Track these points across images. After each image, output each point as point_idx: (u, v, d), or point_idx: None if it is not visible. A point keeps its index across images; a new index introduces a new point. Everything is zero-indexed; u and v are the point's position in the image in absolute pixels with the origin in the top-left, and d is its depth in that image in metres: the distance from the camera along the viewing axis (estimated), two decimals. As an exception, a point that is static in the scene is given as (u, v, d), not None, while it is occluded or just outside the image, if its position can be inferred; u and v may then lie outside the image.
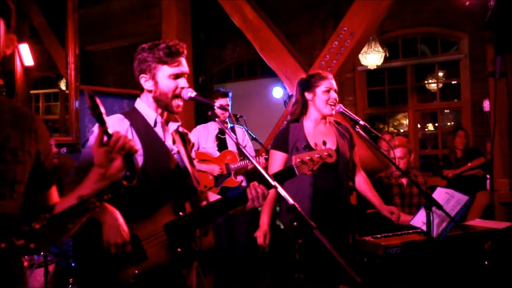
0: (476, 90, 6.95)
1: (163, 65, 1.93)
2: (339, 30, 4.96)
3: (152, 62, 1.93)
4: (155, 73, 1.94)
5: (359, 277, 1.58)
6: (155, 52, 1.92)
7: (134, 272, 1.82)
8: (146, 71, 1.95)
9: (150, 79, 1.95)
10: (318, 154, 1.97)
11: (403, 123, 8.18)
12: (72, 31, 4.92)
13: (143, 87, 2.00)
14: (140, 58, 1.96)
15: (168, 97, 1.95)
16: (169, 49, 1.92)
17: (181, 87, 1.95)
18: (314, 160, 1.96)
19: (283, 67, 5.26)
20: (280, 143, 2.83)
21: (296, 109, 2.89)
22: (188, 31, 5.90)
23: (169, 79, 1.94)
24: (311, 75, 2.92)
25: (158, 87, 1.95)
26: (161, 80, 1.94)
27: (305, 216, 1.66)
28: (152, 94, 1.97)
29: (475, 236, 3.26)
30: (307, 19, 7.92)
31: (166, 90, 1.94)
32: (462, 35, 7.09)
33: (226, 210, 1.95)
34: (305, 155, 1.96)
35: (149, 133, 1.98)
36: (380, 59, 6.87)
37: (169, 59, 1.92)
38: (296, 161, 1.96)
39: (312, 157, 1.96)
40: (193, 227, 1.95)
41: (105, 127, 1.30)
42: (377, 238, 3.13)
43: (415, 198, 3.81)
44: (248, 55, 8.48)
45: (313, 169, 1.97)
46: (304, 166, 1.96)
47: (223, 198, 1.95)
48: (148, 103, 2.00)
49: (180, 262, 1.94)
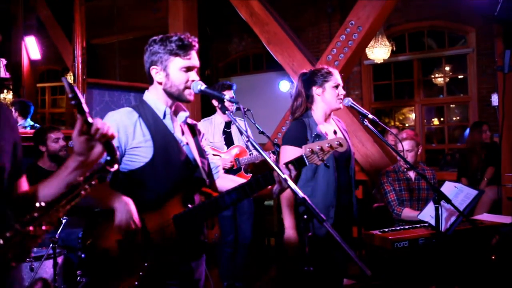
0: (483, 84, 6.91)
1: (175, 57, 1.94)
2: (346, 24, 4.94)
3: (164, 54, 1.94)
4: (167, 65, 1.94)
5: (369, 271, 1.59)
6: (167, 44, 1.93)
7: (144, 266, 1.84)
8: (158, 63, 1.95)
9: (162, 71, 1.96)
10: (329, 144, 1.95)
11: (409, 118, 8.15)
12: (79, 25, 4.91)
13: (152, 79, 2.00)
14: (151, 50, 1.96)
15: (179, 89, 1.96)
16: (182, 42, 1.93)
17: (192, 80, 1.96)
18: (324, 150, 1.94)
19: (290, 60, 5.25)
20: (295, 138, 2.71)
21: (302, 103, 2.86)
22: (194, 24, 5.89)
23: (181, 71, 1.95)
24: (317, 70, 2.87)
25: (170, 79, 1.96)
26: (172, 72, 1.95)
27: (315, 209, 1.66)
28: (163, 86, 1.98)
29: (483, 230, 3.25)
30: (313, 13, 7.90)
31: (177, 82, 1.95)
32: (469, 28, 7.05)
33: (237, 201, 1.93)
34: (315, 145, 1.95)
35: (158, 125, 1.99)
36: (387, 53, 6.84)
37: (181, 51, 1.93)
38: (306, 150, 1.94)
39: (322, 146, 1.94)
40: (202, 219, 1.95)
41: (85, 116, 1.30)
42: (384, 232, 3.13)
43: (423, 193, 3.79)
44: (254, 48, 8.47)
45: (323, 159, 1.95)
46: (314, 156, 1.94)
47: (238, 187, 1.93)
48: (157, 95, 2.01)
49: (189, 254, 1.95)
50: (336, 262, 2.73)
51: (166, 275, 1.91)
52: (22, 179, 1.52)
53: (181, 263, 1.95)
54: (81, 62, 4.89)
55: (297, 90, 2.88)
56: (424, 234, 3.06)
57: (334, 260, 2.71)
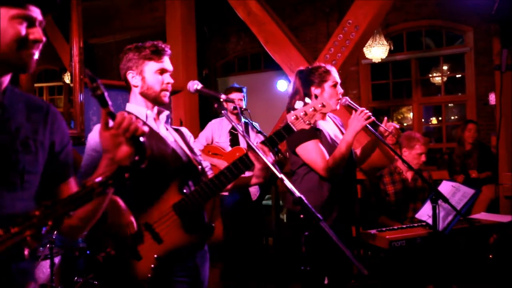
0: (481, 83, 6.92)
1: (149, 61, 2.03)
2: (344, 23, 4.94)
3: (139, 59, 2.05)
4: (142, 69, 2.05)
5: (366, 270, 1.58)
6: (141, 51, 2.04)
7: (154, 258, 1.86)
8: (133, 67, 2.06)
9: (137, 75, 2.06)
10: (312, 107, 1.95)
11: (407, 117, 8.16)
12: (77, 24, 4.89)
13: (130, 85, 2.09)
14: (127, 57, 2.07)
15: (155, 91, 2.05)
16: (156, 47, 2.04)
17: (167, 82, 2.06)
18: (308, 114, 1.95)
19: (287, 60, 5.24)
20: (307, 133, 2.64)
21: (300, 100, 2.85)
22: (192, 24, 5.89)
23: (156, 74, 2.04)
24: (314, 68, 2.84)
25: (146, 82, 2.05)
26: (148, 75, 2.05)
27: (312, 208, 1.66)
28: (139, 89, 2.07)
29: (480, 229, 3.26)
30: (311, 12, 7.89)
31: (152, 84, 2.05)
32: (467, 28, 7.05)
33: (232, 178, 1.96)
34: (299, 111, 1.95)
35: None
36: (384, 52, 6.84)
37: (155, 56, 2.03)
38: (291, 118, 1.95)
39: (306, 111, 1.95)
40: (202, 202, 1.97)
41: (108, 108, 1.22)
42: (381, 231, 3.13)
43: (420, 193, 3.79)
44: (251, 48, 8.46)
45: (310, 122, 1.95)
46: (300, 121, 1.94)
47: (226, 168, 1.96)
48: (136, 101, 2.10)
49: (195, 240, 1.98)
50: (336, 261, 2.72)
51: (174, 267, 1.94)
52: (68, 183, 1.44)
53: (188, 252, 1.98)
54: (79, 62, 4.88)
55: (295, 87, 2.85)
56: (422, 233, 3.06)
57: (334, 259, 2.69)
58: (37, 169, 1.35)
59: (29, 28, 1.29)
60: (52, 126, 1.40)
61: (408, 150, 3.77)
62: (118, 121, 1.25)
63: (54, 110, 1.43)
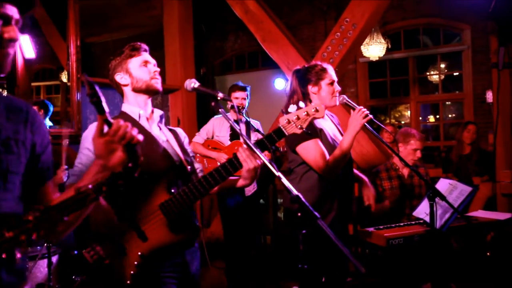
0: (479, 81, 6.93)
1: (131, 58, 2.13)
2: (341, 21, 4.93)
3: (122, 60, 2.14)
4: (127, 67, 2.12)
5: (363, 268, 1.58)
6: (122, 53, 2.15)
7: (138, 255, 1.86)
8: (119, 69, 2.14)
9: (125, 74, 2.13)
10: (305, 112, 1.94)
11: (405, 115, 8.16)
12: (74, 23, 4.89)
13: (120, 87, 2.14)
14: (111, 65, 2.16)
15: (146, 81, 2.11)
16: (133, 46, 2.14)
17: (154, 71, 2.12)
18: (300, 118, 1.94)
19: (285, 58, 5.24)
20: (307, 132, 2.70)
21: (297, 100, 2.85)
22: (189, 22, 5.88)
23: (141, 67, 2.12)
24: (311, 67, 2.84)
25: (134, 76, 2.12)
26: (134, 70, 2.12)
27: (309, 206, 1.66)
28: (130, 86, 2.13)
29: (478, 227, 3.26)
30: (308, 11, 7.89)
31: (140, 76, 2.11)
32: (464, 26, 7.06)
33: (220, 179, 1.97)
34: (292, 115, 1.94)
35: (135, 125, 2.01)
36: (382, 50, 6.84)
37: (134, 52, 2.14)
38: (283, 122, 1.95)
39: (298, 115, 1.94)
40: (189, 202, 1.97)
41: (105, 115, 1.23)
42: (379, 229, 3.13)
43: (416, 189, 3.80)
44: (249, 46, 8.45)
45: (302, 127, 1.95)
46: (291, 125, 1.94)
47: (215, 169, 1.97)
48: (129, 101, 2.15)
49: (181, 238, 1.99)
50: (334, 259, 2.72)
51: (160, 265, 1.96)
52: (48, 185, 1.44)
53: (174, 250, 1.99)
54: (76, 60, 4.88)
55: (292, 87, 2.85)
56: (419, 231, 3.07)
57: (331, 257, 2.69)
58: (20, 169, 1.33)
59: (4, 26, 1.26)
60: (32, 126, 1.39)
61: (403, 146, 3.79)
62: (114, 129, 1.26)
63: (34, 111, 1.43)
